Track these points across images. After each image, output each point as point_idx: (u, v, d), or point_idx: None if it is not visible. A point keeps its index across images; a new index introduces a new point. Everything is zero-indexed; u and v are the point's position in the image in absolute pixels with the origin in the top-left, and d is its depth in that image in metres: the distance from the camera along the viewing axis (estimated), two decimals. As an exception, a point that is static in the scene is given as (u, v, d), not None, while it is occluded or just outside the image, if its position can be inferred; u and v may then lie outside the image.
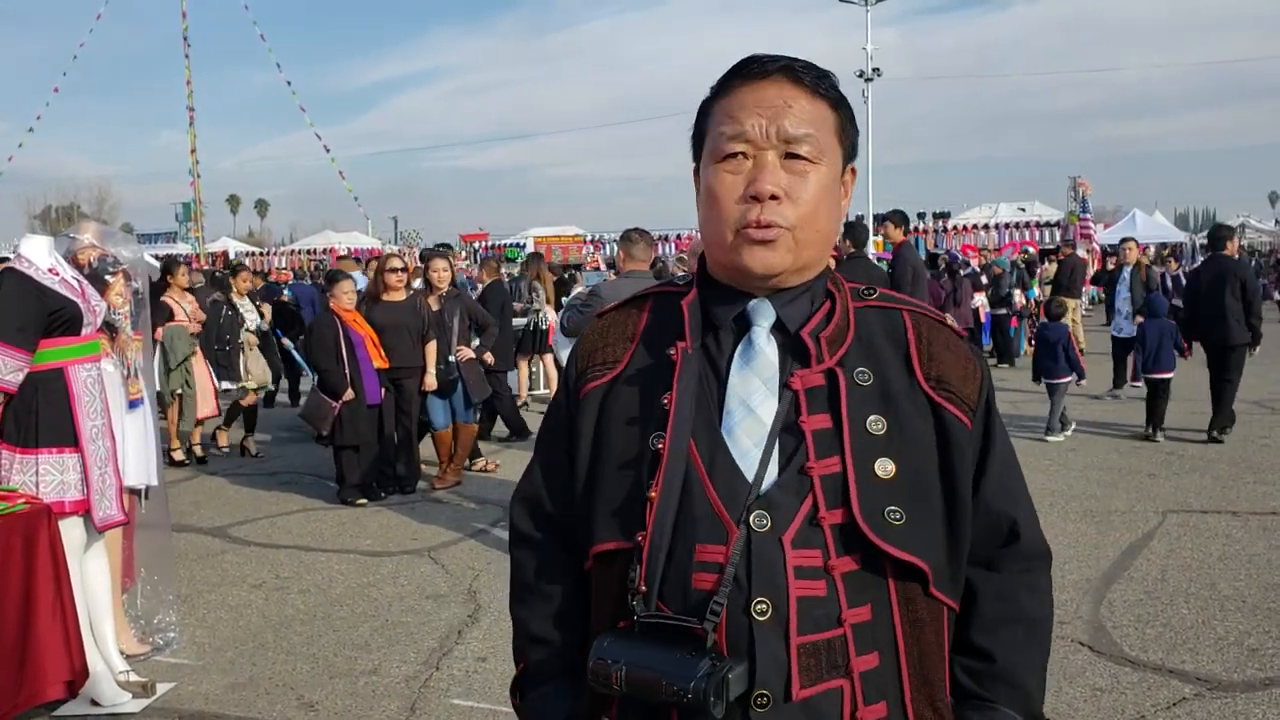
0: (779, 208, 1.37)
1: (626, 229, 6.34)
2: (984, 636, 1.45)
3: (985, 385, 1.46)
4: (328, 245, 35.90)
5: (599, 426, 1.46)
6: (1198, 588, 5.49)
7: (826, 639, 1.31)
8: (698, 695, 1.24)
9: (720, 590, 1.30)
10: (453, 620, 5.36)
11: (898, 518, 1.33)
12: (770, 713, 1.30)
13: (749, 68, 1.43)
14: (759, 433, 1.37)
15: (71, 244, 4.77)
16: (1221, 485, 7.75)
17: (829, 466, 1.34)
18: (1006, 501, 1.46)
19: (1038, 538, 1.50)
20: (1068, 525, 6.72)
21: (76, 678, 4.00)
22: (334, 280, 8.27)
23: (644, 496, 1.37)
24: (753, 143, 1.39)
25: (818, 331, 1.42)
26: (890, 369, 1.41)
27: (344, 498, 7.97)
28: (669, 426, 1.38)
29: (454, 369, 8.30)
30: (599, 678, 1.30)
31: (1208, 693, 4.26)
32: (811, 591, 1.31)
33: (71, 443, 4.25)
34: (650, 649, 1.29)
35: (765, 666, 1.30)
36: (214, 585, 6.10)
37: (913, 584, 1.35)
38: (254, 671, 4.77)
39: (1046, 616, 1.50)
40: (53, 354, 4.22)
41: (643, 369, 1.46)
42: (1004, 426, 1.50)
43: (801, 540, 1.32)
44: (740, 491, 1.34)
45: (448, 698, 4.42)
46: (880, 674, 1.33)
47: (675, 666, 1.26)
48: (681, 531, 1.35)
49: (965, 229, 33.00)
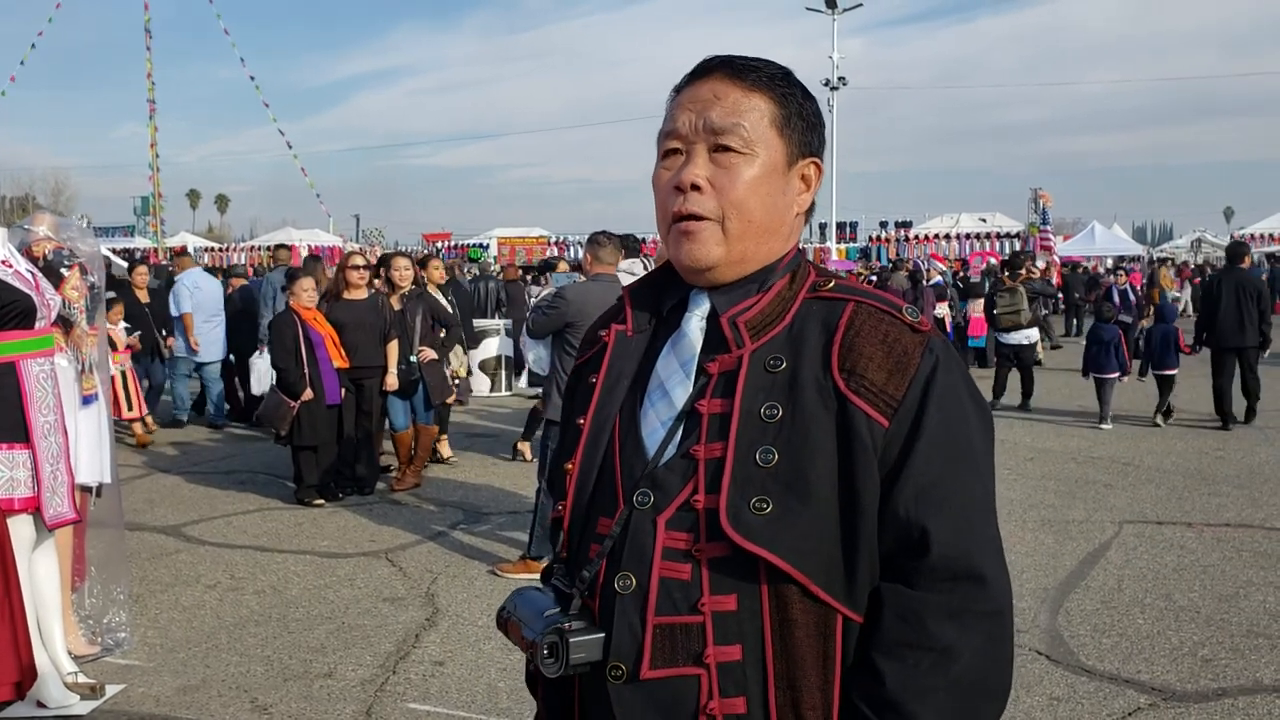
0: (700, 198, 1.39)
1: (594, 232, 6.32)
2: (879, 656, 1.30)
3: (920, 383, 1.33)
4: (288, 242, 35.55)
5: (565, 407, 1.59)
6: (1153, 598, 5.54)
7: (684, 623, 1.32)
8: (535, 647, 1.35)
9: (594, 560, 1.39)
10: (410, 624, 5.30)
11: (762, 507, 1.29)
12: (624, 687, 1.34)
13: (696, 68, 1.47)
14: (668, 414, 1.41)
15: (26, 236, 4.68)
16: (1176, 497, 7.85)
17: (714, 450, 1.34)
18: (924, 509, 1.30)
19: (960, 555, 1.30)
20: (1026, 535, 6.77)
21: (24, 679, 3.92)
22: (294, 278, 8.18)
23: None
24: (683, 138, 1.42)
25: (737, 317, 1.41)
26: (808, 358, 1.35)
27: (301, 498, 7.88)
28: (590, 405, 1.47)
29: (415, 369, 8.23)
30: (499, 619, 1.46)
31: (1162, 703, 4.30)
32: (675, 574, 1.33)
33: (22, 438, 4.15)
34: (535, 604, 1.41)
35: (621, 639, 1.34)
36: (167, 585, 6.00)
37: (788, 584, 1.29)
38: (207, 673, 4.69)
39: (965, 654, 1.28)
40: (4, 347, 4.12)
41: (596, 352, 1.54)
42: (958, 432, 1.35)
43: (675, 522, 1.34)
44: (638, 469, 1.40)
45: (404, 701, 4.36)
46: (741, 668, 1.31)
47: (537, 622, 1.38)
48: (594, 504, 1.43)
49: (927, 238, 33.34)
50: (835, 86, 36.19)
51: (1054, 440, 10.27)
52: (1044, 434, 10.60)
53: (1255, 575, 5.89)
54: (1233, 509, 7.43)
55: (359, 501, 8.01)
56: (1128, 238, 39.56)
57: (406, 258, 9.04)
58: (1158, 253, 37.66)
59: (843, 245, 34.47)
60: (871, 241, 34.58)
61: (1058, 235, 29.47)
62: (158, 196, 32.00)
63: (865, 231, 36.77)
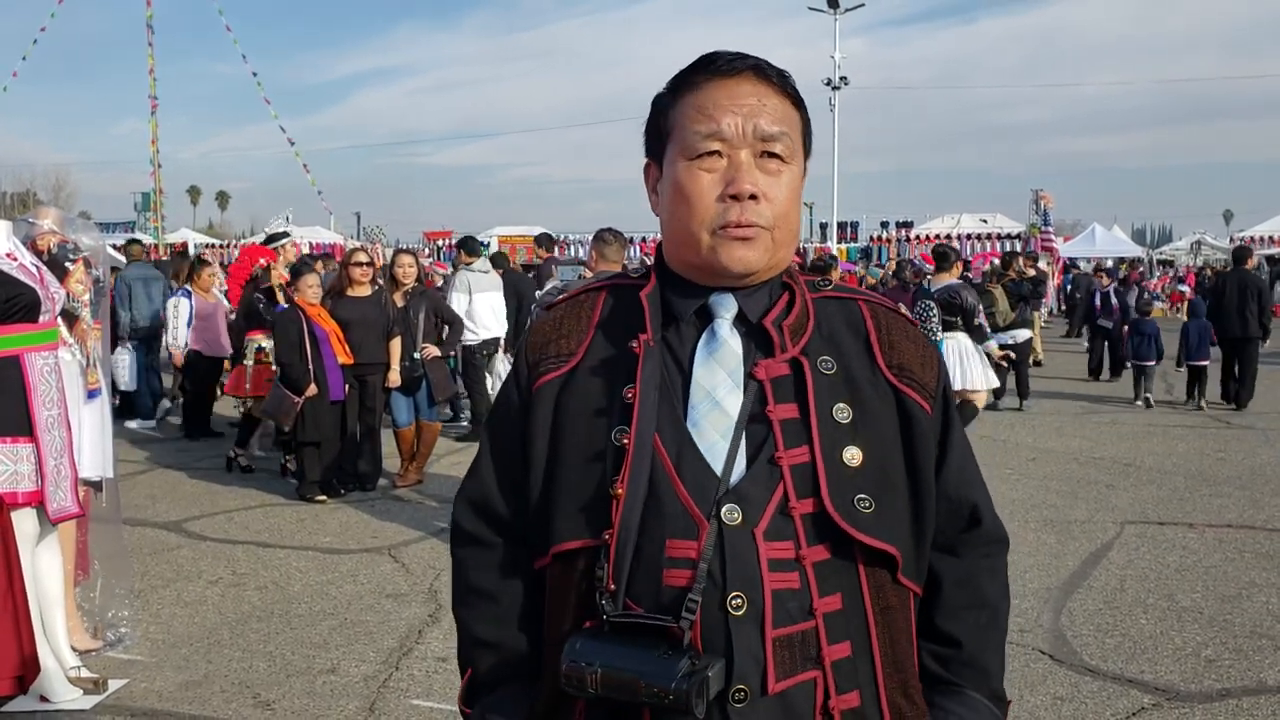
0: (758, 207, 1.36)
1: (600, 229, 6.30)
2: (950, 622, 1.47)
3: (942, 373, 1.48)
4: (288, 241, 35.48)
5: (556, 421, 1.42)
6: (1156, 598, 5.54)
7: (800, 631, 1.30)
8: (679, 695, 1.21)
9: (695, 586, 1.28)
10: (413, 620, 5.29)
11: (866, 505, 1.33)
12: (747, 707, 1.28)
13: (716, 63, 1.40)
14: (725, 425, 1.35)
15: (31, 229, 4.67)
16: (1178, 497, 7.84)
17: (797, 456, 1.33)
18: (967, 486, 1.49)
19: (997, 523, 1.53)
20: (1029, 534, 6.76)
21: (27, 673, 3.91)
22: (298, 274, 8.17)
23: (609, 493, 1.33)
24: (729, 141, 1.36)
25: (780, 321, 1.41)
26: (852, 357, 1.41)
27: (303, 494, 7.87)
28: (634, 420, 1.34)
29: (419, 366, 8.23)
30: (573, 681, 1.26)
31: (1166, 703, 4.30)
32: (786, 584, 1.30)
33: (26, 432, 4.14)
34: (624, 649, 1.26)
35: (743, 662, 1.28)
36: (169, 580, 6.00)
37: (882, 571, 1.35)
38: (209, 669, 4.69)
39: (1005, 599, 1.54)
40: (8, 341, 4.11)
41: (602, 361, 1.42)
42: (958, 414, 1.53)
43: (774, 532, 1.31)
44: (708, 485, 1.32)
45: (407, 698, 4.36)
46: (852, 663, 1.33)
47: (653, 666, 1.23)
48: (649, 528, 1.32)
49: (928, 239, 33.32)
50: (837, 86, 36.20)
51: (1055, 440, 10.27)
52: (1046, 434, 10.59)
53: (1258, 576, 5.88)
54: (1234, 510, 7.42)
55: (361, 497, 8.01)
56: (1127, 239, 39.53)
57: (410, 254, 9.03)
58: (1157, 254, 37.62)
59: (844, 245, 34.44)
60: (872, 241, 34.55)
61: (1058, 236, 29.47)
62: (159, 193, 31.92)
63: (866, 231, 36.73)
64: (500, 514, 1.50)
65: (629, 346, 1.40)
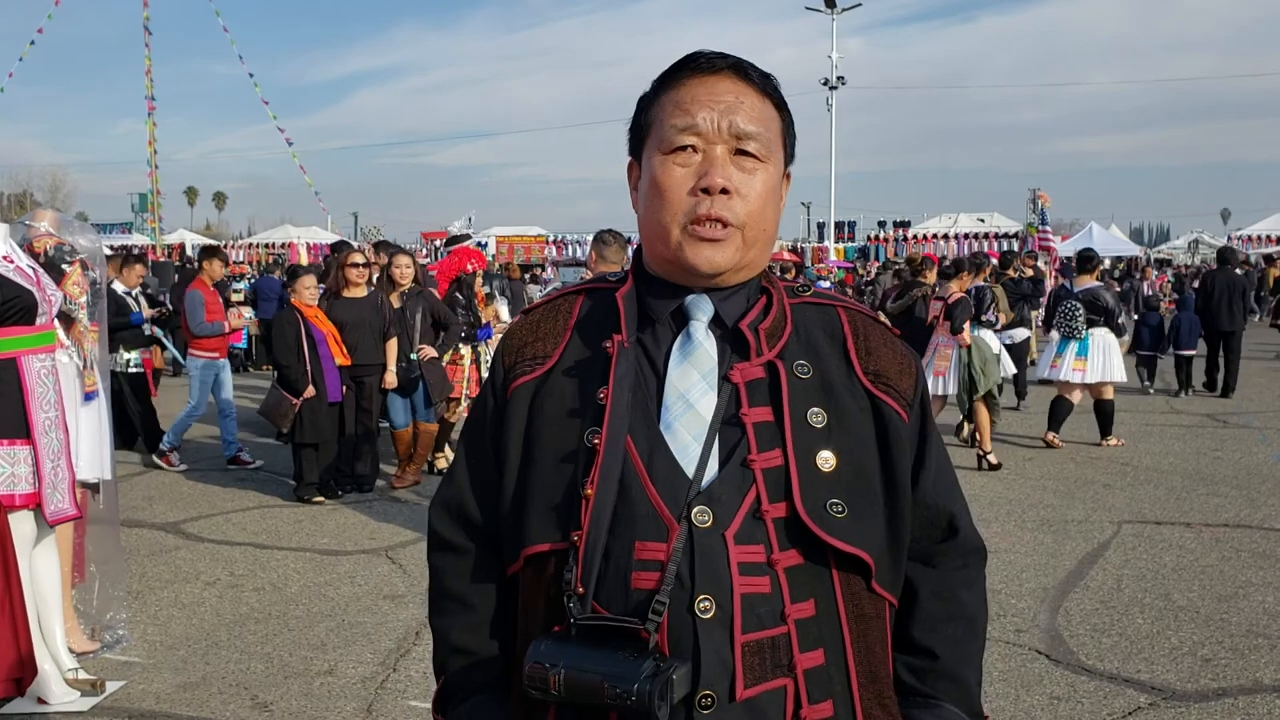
0: (729, 202, 1.35)
1: (600, 229, 6.29)
2: (926, 634, 1.44)
3: (920, 381, 1.47)
4: (286, 240, 35.51)
5: (530, 424, 1.41)
6: (1152, 598, 5.55)
7: (770, 636, 1.28)
8: (642, 698, 1.19)
9: (662, 589, 1.26)
10: (410, 621, 5.30)
11: (840, 510, 1.32)
12: (715, 713, 1.27)
13: (698, 61, 1.41)
14: (698, 427, 1.34)
15: (27, 231, 4.67)
16: (1175, 497, 7.85)
17: (770, 460, 1.32)
18: (944, 496, 1.46)
19: (973, 533, 1.50)
20: (1025, 534, 6.77)
21: (24, 675, 3.91)
22: (295, 275, 8.17)
23: (579, 494, 1.32)
24: (704, 135, 1.36)
25: (756, 324, 1.40)
26: (829, 363, 1.40)
27: (301, 495, 7.87)
28: (605, 421, 1.33)
29: (415, 367, 8.22)
30: (536, 682, 1.24)
31: (1162, 702, 4.30)
32: (755, 588, 1.28)
33: (23, 434, 4.14)
34: (589, 651, 1.24)
35: (710, 666, 1.26)
36: (166, 582, 6.00)
37: (856, 578, 1.34)
38: (207, 670, 4.69)
39: (982, 612, 1.51)
40: (5, 343, 4.11)
41: (576, 363, 1.42)
42: (936, 424, 1.51)
43: (744, 535, 1.29)
44: (680, 487, 1.31)
45: (405, 699, 4.36)
46: (826, 672, 1.31)
47: (617, 668, 1.22)
48: (619, 530, 1.30)
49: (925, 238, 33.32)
50: (834, 86, 36.24)
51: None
52: (1042, 434, 10.56)
53: (1254, 575, 5.89)
54: (1231, 509, 7.43)
55: (358, 499, 8.01)
56: (1125, 238, 39.59)
57: (407, 255, 9.02)
58: (1155, 253, 37.68)
59: (841, 245, 34.47)
60: (870, 241, 34.58)
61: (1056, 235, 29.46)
62: (156, 194, 31.93)
63: (863, 231, 36.77)
64: (475, 519, 1.49)
65: (603, 347, 1.39)
